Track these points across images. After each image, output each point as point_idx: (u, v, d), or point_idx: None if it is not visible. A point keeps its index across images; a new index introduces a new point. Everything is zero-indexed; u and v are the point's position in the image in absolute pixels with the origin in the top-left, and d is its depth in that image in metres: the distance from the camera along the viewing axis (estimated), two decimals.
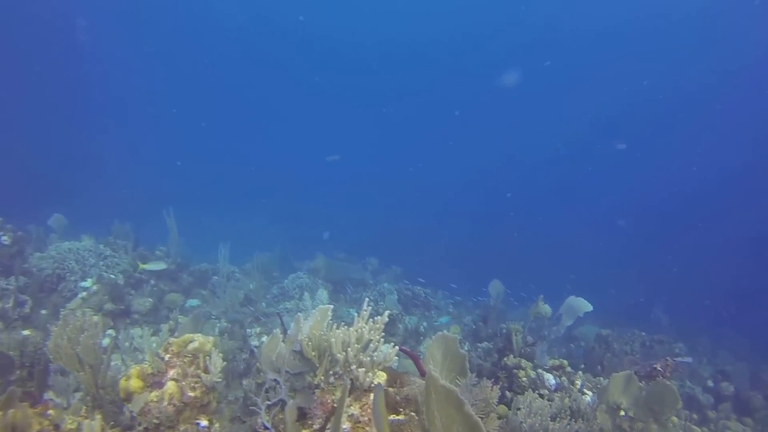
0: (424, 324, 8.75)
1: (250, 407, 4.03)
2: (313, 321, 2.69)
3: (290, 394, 3.02)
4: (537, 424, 2.57)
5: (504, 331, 5.74)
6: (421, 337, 8.08)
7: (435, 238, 26.07)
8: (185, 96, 39.86)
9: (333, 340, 2.35)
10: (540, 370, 4.58)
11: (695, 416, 6.00)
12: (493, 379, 2.54)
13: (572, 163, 41.72)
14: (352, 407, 2.34)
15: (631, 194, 39.30)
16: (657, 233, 35.55)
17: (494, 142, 43.07)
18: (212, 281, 9.61)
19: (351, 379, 2.39)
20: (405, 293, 10.43)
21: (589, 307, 5.03)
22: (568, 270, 20.78)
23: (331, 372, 2.55)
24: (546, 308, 5.15)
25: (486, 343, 7.65)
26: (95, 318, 6.80)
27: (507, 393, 4.60)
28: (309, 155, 44.41)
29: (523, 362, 4.74)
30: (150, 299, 7.81)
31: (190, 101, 40.08)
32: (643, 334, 8.84)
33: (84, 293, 7.02)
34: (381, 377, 2.53)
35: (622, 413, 3.32)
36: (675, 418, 3.75)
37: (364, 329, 2.38)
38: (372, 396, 2.37)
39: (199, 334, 3.25)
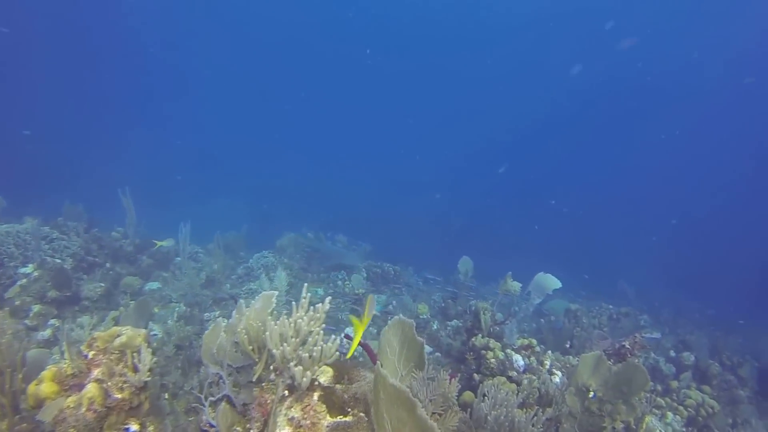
0: (393, 302, 8.55)
1: (192, 404, 3.70)
2: (253, 310, 2.38)
3: (234, 389, 2.73)
4: (502, 417, 2.35)
5: (473, 308, 5.57)
6: (390, 316, 7.87)
7: (407, 216, 25.94)
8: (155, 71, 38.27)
9: (268, 333, 2.04)
10: (509, 351, 4.41)
11: (659, 387, 6.02)
12: (450, 372, 2.29)
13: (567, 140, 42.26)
14: (293, 409, 2.05)
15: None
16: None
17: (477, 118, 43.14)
18: (174, 262, 9.16)
19: (291, 378, 2.10)
20: (374, 270, 10.20)
21: (558, 284, 4.89)
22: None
23: (272, 367, 2.26)
24: (515, 285, 4.98)
25: (455, 321, 7.53)
26: (37, 307, 6.35)
27: (475, 375, 4.43)
28: (278, 130, 43.64)
29: (492, 343, 4.56)
30: (102, 284, 7.34)
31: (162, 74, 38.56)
32: (611, 307, 8.90)
33: (24, 280, 6.49)
34: (326, 373, 2.25)
35: (591, 395, 3.16)
36: None
37: (302, 320, 2.08)
38: (315, 396, 2.09)
39: (129, 327, 2.89)
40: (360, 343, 2.80)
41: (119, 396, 2.50)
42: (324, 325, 2.11)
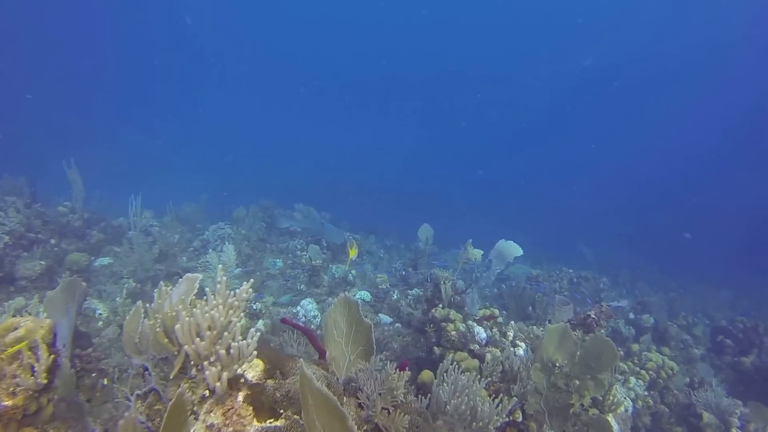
0: (353, 272, 8.25)
1: (115, 400, 3.33)
2: (167, 296, 1.99)
3: (162, 382, 2.35)
4: (463, 405, 2.08)
5: (433, 277, 5.32)
6: (349, 287, 7.58)
7: (367, 186, 25.70)
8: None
9: (178, 326, 1.66)
10: (470, 322, 4.18)
11: (621, 352, 6.00)
12: (397, 365, 1.98)
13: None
14: (212, 414, 1.70)
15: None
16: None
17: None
18: (128, 236, 8.57)
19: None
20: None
21: (520, 251, 4.67)
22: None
23: (191, 363, 1.88)
24: (476, 253, 4.73)
25: (416, 289, 7.31)
26: None
27: (435, 349, 4.19)
28: (236, 107, 42.18)
29: (452, 314, 4.31)
30: (42, 262, 6.71)
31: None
32: (571, 270, 8.88)
33: None
34: (256, 367, 1.89)
35: (558, 370, 2.95)
36: None
37: (216, 311, 1.70)
38: (240, 396, 1.73)
39: (30, 317, 2.45)
40: (302, 328, 2.46)
41: (9, 403, 2.08)
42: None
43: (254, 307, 6.42)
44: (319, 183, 23.09)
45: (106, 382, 4.65)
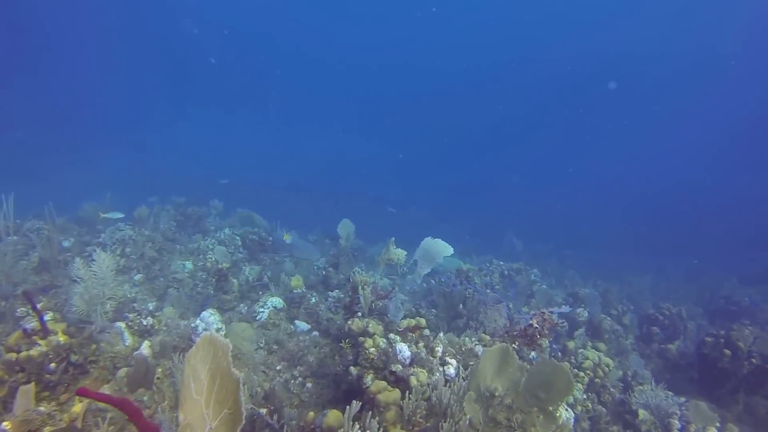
0: (269, 273, 7.35)
1: None
2: None
3: None
4: None
5: (351, 281, 4.63)
6: (263, 292, 6.69)
7: (287, 180, 24.75)
8: None
9: None
10: (392, 335, 3.51)
11: (559, 354, 5.62)
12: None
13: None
14: None
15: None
16: None
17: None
18: (4, 243, 7.11)
19: None
20: (251, 238, 8.88)
21: (450, 251, 4.07)
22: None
23: None
24: (399, 253, 4.08)
25: (337, 291, 6.59)
26: None
27: (352, 369, 3.49)
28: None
29: (372, 325, 3.63)
30: None
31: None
32: (502, 263, 8.53)
33: None
34: None
35: (498, 401, 2.34)
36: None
37: None
38: None
39: None
40: (113, 401, 1.65)
41: None
42: None
43: (145, 322, 5.40)
44: (243, 183, 21.78)
45: None
